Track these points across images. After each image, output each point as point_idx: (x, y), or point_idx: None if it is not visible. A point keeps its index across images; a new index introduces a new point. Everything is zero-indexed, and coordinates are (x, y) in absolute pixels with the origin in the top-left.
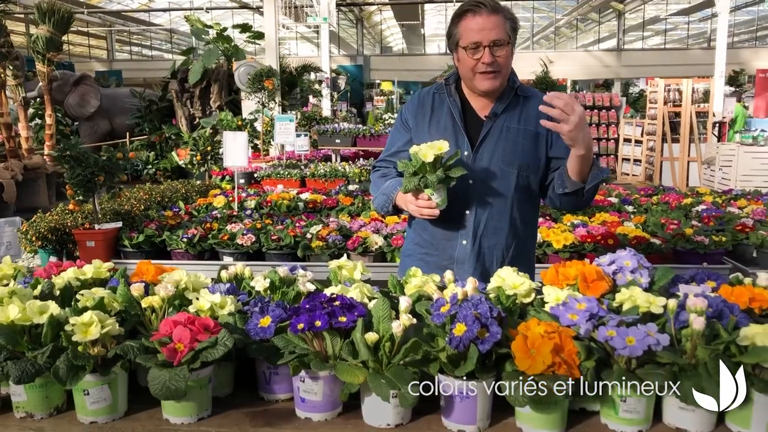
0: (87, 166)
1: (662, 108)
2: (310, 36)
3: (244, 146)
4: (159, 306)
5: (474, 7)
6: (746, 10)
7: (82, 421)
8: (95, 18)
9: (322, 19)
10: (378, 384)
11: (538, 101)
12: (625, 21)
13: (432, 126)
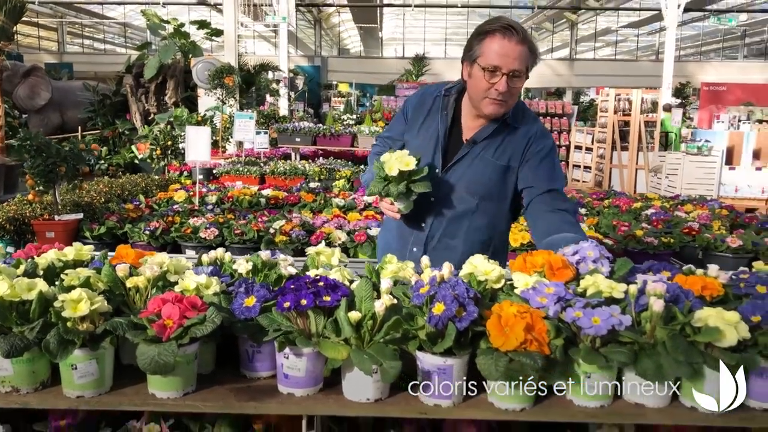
0: (48, 156)
1: (612, 117)
2: (268, 35)
3: (207, 141)
4: (144, 286)
5: (505, 30)
6: (692, 25)
7: (69, 396)
8: (46, 9)
9: (281, 18)
10: (361, 359)
11: (521, 135)
12: (577, 31)
13: (420, 131)
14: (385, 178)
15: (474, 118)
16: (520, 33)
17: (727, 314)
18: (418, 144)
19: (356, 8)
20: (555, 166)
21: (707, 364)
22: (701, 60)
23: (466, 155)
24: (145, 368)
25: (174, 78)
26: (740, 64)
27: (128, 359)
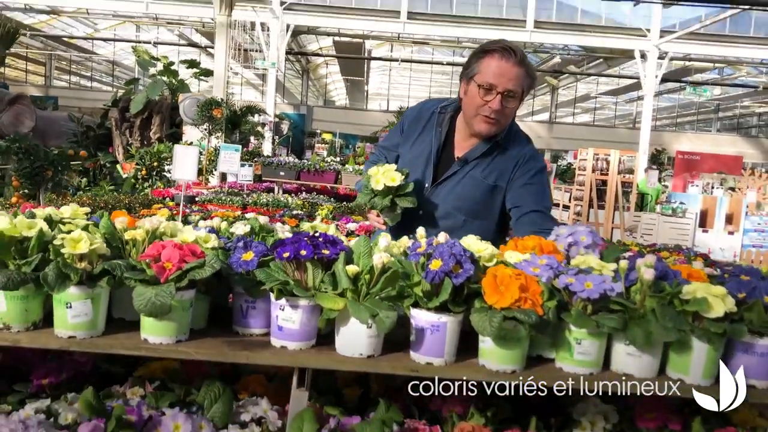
0: (36, 159)
1: (590, 175)
2: (256, 83)
3: (194, 160)
4: (142, 239)
5: (504, 51)
6: (668, 97)
7: (60, 336)
8: (36, 41)
9: (270, 64)
10: (357, 308)
11: (511, 155)
12: (558, 96)
13: (415, 145)
14: (372, 191)
15: (467, 137)
16: (518, 55)
17: (714, 288)
18: (411, 157)
19: (344, 60)
20: (544, 188)
21: (695, 335)
22: (676, 131)
23: (456, 173)
24: (140, 309)
25: (160, 114)
26: (713, 137)
27: (120, 313)
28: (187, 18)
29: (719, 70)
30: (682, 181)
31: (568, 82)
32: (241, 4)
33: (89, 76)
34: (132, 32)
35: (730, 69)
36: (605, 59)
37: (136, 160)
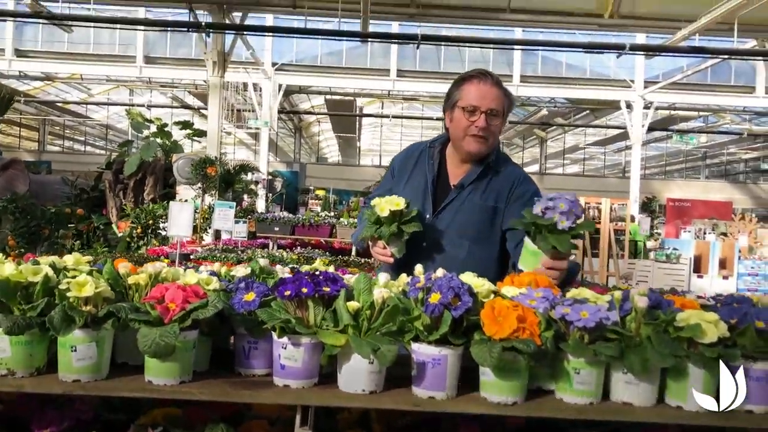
0: (33, 218)
1: None
2: (249, 143)
3: (190, 217)
4: (145, 284)
5: (480, 75)
6: (656, 146)
7: (65, 380)
8: (30, 107)
9: (263, 123)
10: (359, 343)
11: (505, 176)
12: (546, 148)
13: (408, 183)
14: (377, 221)
15: (459, 164)
16: (494, 78)
17: (707, 314)
18: (406, 194)
19: (336, 118)
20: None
21: (691, 361)
22: (666, 178)
23: (455, 199)
24: (145, 350)
25: (154, 175)
26: (703, 183)
27: (123, 357)
28: (180, 81)
29: (704, 119)
30: (675, 228)
31: (557, 133)
32: (234, 66)
33: (83, 140)
34: (125, 96)
35: (714, 117)
36: (592, 110)
37: (131, 219)
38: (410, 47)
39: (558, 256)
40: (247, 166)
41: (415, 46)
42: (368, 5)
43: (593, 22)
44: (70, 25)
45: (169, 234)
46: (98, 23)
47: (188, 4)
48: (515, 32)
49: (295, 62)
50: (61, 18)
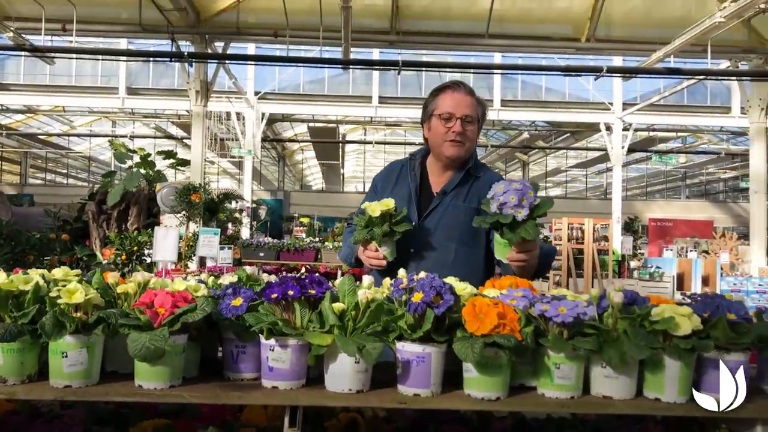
0: (18, 244)
1: (566, 244)
2: (233, 172)
3: (174, 242)
4: (134, 292)
5: (453, 86)
6: (637, 167)
7: (56, 386)
8: (11, 141)
9: (247, 152)
10: (345, 342)
11: (485, 180)
12: (529, 171)
13: (393, 195)
14: (368, 223)
15: (440, 173)
16: (467, 87)
17: (681, 308)
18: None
19: (319, 145)
20: None
21: (666, 353)
22: (647, 199)
23: (439, 205)
24: (135, 355)
25: (137, 205)
26: (683, 204)
27: (113, 365)
28: (162, 111)
29: (682, 139)
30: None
31: (538, 157)
32: (217, 95)
33: (65, 173)
34: (108, 128)
35: (692, 137)
36: (572, 133)
37: (116, 246)
38: (392, 74)
39: (525, 243)
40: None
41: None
42: (349, 33)
43: (570, 47)
44: (53, 57)
45: (155, 259)
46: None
47: (170, 35)
48: (494, 57)
49: (277, 91)
50: (43, 50)
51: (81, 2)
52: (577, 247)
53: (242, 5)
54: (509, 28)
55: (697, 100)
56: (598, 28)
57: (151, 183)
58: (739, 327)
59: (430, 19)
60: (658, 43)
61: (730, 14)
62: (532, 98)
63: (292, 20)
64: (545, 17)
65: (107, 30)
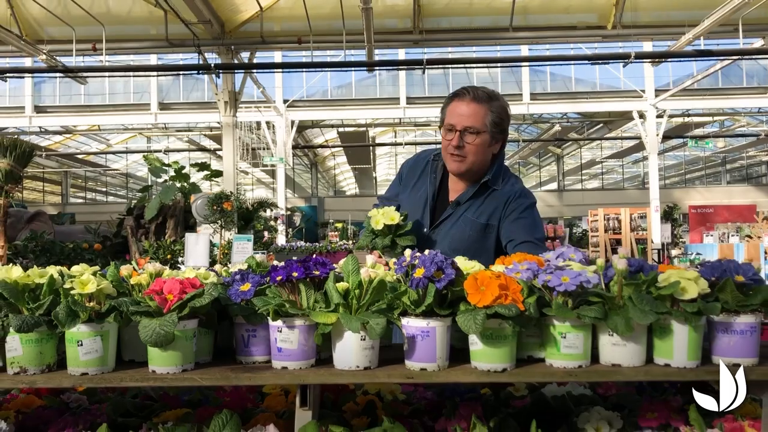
0: (52, 255)
1: (603, 236)
2: (267, 181)
3: (205, 248)
4: (147, 283)
5: (460, 93)
6: (674, 154)
7: (73, 373)
8: (51, 162)
9: (278, 160)
10: (349, 319)
11: (501, 195)
12: (564, 165)
13: (412, 192)
14: (373, 231)
15: (457, 180)
16: (471, 93)
17: (687, 272)
18: (410, 204)
19: (350, 150)
20: (534, 221)
21: (674, 318)
22: (687, 186)
23: (451, 215)
24: (146, 340)
25: (174, 218)
26: (724, 189)
27: (129, 354)
28: (195, 124)
29: (720, 124)
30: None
31: (572, 149)
32: (246, 105)
33: (104, 190)
34: (143, 144)
35: (730, 121)
36: (605, 123)
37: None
38: (418, 74)
39: None
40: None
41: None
42: (371, 34)
43: (597, 34)
44: (85, 77)
45: (187, 265)
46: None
47: (197, 48)
48: (521, 50)
49: (305, 98)
50: (75, 71)
51: (109, 21)
52: (614, 237)
53: (265, 14)
54: (533, 19)
55: (732, 82)
56: (624, 14)
57: (187, 195)
58: (747, 288)
59: (452, 16)
60: (686, 26)
61: None
62: (562, 90)
63: (315, 26)
64: (569, 6)
65: (136, 47)
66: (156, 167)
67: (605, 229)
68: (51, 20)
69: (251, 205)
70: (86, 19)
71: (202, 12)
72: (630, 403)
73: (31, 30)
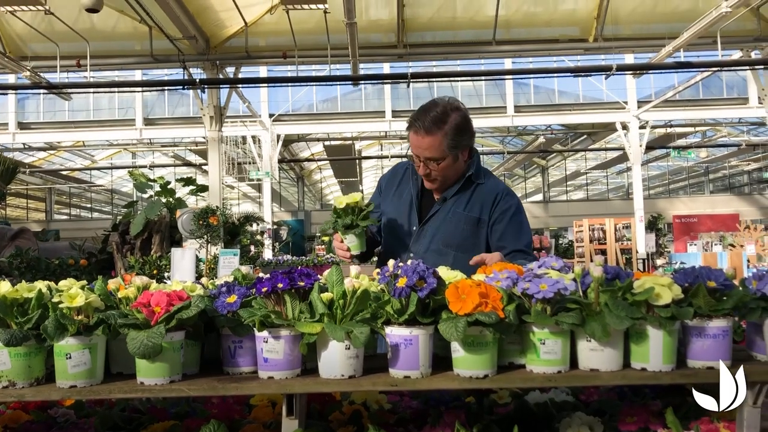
0: (38, 272)
1: (588, 246)
2: (253, 195)
3: (192, 262)
4: (134, 296)
5: (413, 125)
6: (658, 164)
7: (62, 386)
8: (35, 178)
9: (264, 174)
10: (333, 329)
11: (488, 189)
12: (548, 176)
13: (395, 196)
14: (335, 211)
15: None
16: (422, 124)
17: (661, 278)
18: (394, 207)
19: (336, 163)
20: (522, 225)
21: (649, 323)
22: (670, 196)
23: (439, 211)
24: (134, 352)
25: (160, 233)
26: (708, 198)
27: (117, 367)
28: (180, 140)
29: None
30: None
31: (557, 161)
32: (232, 120)
33: (89, 206)
34: (128, 159)
35: (712, 131)
36: (589, 134)
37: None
38: (403, 88)
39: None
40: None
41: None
42: (356, 49)
43: (579, 47)
44: (69, 93)
45: (173, 280)
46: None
47: (182, 63)
48: (505, 63)
49: (291, 112)
50: (59, 87)
51: (94, 37)
52: (599, 248)
53: (250, 29)
54: (516, 33)
55: (712, 93)
56: (605, 27)
57: (172, 211)
58: (720, 294)
59: (436, 30)
60: (667, 38)
61: (737, 3)
62: (546, 102)
63: (300, 41)
64: (551, 20)
65: (120, 63)
66: (141, 183)
67: (590, 239)
68: (35, 37)
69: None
70: (70, 36)
71: (187, 28)
72: (611, 408)
73: (15, 46)
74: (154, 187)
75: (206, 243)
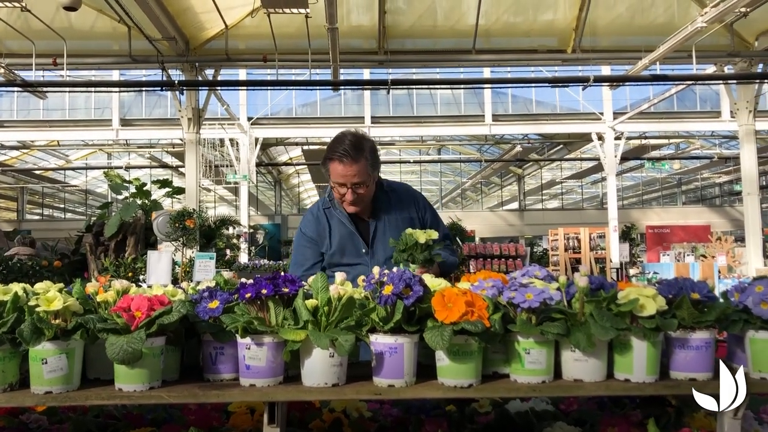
0: (10, 272)
1: (563, 255)
2: (230, 198)
3: (168, 266)
4: (113, 300)
5: (340, 156)
6: (632, 175)
7: (37, 392)
8: (7, 177)
9: (242, 177)
10: (318, 336)
11: (400, 191)
12: (524, 184)
13: (334, 237)
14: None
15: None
16: (351, 156)
17: (646, 290)
18: (337, 242)
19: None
20: (439, 223)
21: (633, 334)
22: (644, 207)
23: (377, 227)
24: (114, 358)
25: (134, 235)
26: (680, 210)
27: (94, 373)
28: (157, 141)
29: (675, 146)
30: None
31: (533, 170)
32: (210, 122)
33: (62, 207)
34: (104, 160)
35: (685, 143)
36: (565, 144)
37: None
38: (383, 94)
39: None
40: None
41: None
42: (337, 54)
43: (557, 58)
44: (45, 92)
45: (149, 283)
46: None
47: (161, 64)
48: (484, 72)
49: (270, 115)
50: (35, 85)
51: (71, 36)
52: (574, 257)
53: (231, 32)
54: (495, 42)
55: (686, 106)
56: (583, 39)
57: (148, 213)
58: (702, 305)
59: (417, 38)
60: (643, 51)
61: (711, 19)
62: (523, 111)
63: (281, 44)
64: (530, 30)
65: (98, 62)
66: (116, 184)
67: (565, 248)
68: (10, 33)
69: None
70: (47, 33)
71: (166, 28)
72: (591, 417)
73: None
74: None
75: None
